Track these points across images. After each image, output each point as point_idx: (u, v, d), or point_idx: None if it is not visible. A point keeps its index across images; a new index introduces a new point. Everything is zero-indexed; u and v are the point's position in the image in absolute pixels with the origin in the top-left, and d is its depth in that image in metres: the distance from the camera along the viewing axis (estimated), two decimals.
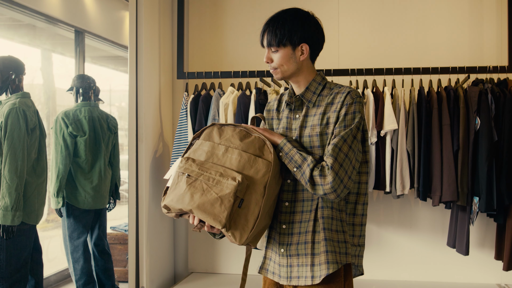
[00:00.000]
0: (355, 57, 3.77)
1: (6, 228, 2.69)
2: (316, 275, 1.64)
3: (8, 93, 2.92)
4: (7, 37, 4.40)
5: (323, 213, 1.66)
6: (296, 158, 1.63)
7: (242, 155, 1.61)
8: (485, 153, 3.11)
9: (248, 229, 1.57)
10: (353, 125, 1.64)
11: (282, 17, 1.73)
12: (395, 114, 3.32)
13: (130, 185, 3.43)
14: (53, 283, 4.25)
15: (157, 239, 3.64)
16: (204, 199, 1.56)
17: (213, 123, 1.74)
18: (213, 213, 1.55)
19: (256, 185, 1.58)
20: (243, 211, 1.57)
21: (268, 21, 1.76)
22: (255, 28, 3.92)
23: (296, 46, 1.72)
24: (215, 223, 1.55)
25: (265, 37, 1.75)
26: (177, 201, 1.61)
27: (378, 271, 3.72)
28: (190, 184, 1.60)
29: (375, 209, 3.73)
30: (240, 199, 1.56)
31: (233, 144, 1.64)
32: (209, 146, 1.67)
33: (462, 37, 3.69)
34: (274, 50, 1.73)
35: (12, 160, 2.69)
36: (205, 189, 1.58)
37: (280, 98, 1.88)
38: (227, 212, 1.54)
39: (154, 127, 3.65)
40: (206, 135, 1.71)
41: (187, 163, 1.65)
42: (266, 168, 1.60)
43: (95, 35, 4.76)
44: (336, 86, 1.75)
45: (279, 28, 1.71)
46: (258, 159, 1.61)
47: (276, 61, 1.73)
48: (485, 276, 3.61)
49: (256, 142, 1.65)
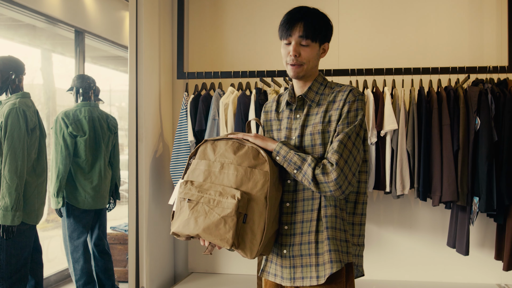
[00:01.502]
0: (355, 57, 3.77)
1: (6, 228, 2.69)
2: (321, 275, 1.64)
3: (8, 93, 2.92)
4: (7, 37, 4.40)
5: (326, 212, 1.66)
6: (295, 160, 1.63)
7: (238, 169, 1.62)
8: (485, 153, 3.11)
9: (257, 242, 1.58)
10: (356, 122, 1.64)
11: (316, 13, 1.70)
12: (395, 114, 3.32)
13: (130, 185, 3.43)
14: (53, 283, 4.25)
15: (157, 239, 3.64)
16: (208, 222, 1.58)
17: (205, 140, 1.74)
18: (219, 235, 1.56)
19: (257, 198, 1.58)
20: (249, 225, 1.58)
21: (301, 12, 1.69)
22: (255, 28, 3.94)
23: (322, 44, 1.72)
24: (223, 243, 1.57)
25: (297, 29, 1.67)
26: (184, 227, 1.63)
27: (378, 271, 3.72)
28: (192, 209, 1.62)
29: (375, 209, 3.73)
30: (244, 214, 1.57)
31: (227, 159, 1.64)
32: (205, 165, 1.68)
33: (462, 37, 3.69)
34: (305, 44, 1.67)
35: (12, 160, 2.69)
36: (207, 211, 1.59)
37: (278, 99, 1.88)
38: (232, 231, 1.55)
39: (154, 127, 3.65)
40: (201, 153, 1.72)
41: (186, 187, 1.67)
42: (264, 178, 1.60)
43: (95, 35, 4.76)
44: (337, 85, 1.75)
45: (316, 23, 1.67)
46: (254, 171, 1.61)
47: (306, 56, 1.68)
48: (485, 276, 3.61)
49: (250, 153, 1.64)
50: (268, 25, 3.84)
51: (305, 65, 1.69)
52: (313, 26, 1.67)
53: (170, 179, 3.85)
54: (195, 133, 3.51)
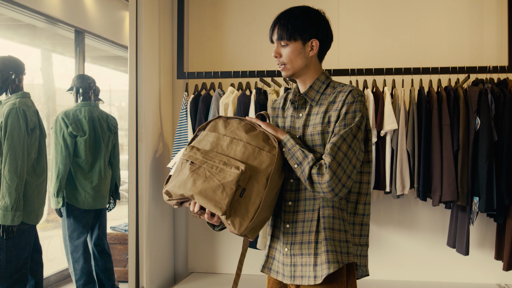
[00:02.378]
0: (355, 57, 3.77)
1: (6, 228, 2.69)
2: (318, 275, 1.64)
3: (8, 93, 2.92)
4: (7, 37, 4.40)
5: (323, 213, 1.66)
6: (298, 155, 1.63)
7: (246, 147, 1.62)
8: (485, 153, 3.11)
9: (248, 218, 1.56)
10: (353, 124, 1.63)
11: (294, 12, 1.73)
12: (395, 114, 3.32)
13: (130, 185, 3.43)
14: (53, 283, 4.25)
15: (157, 239, 3.64)
16: (206, 185, 1.56)
17: (219, 116, 1.74)
18: (214, 200, 1.54)
19: (258, 176, 1.59)
20: (244, 201, 1.57)
21: (279, 15, 1.75)
22: (255, 28, 3.94)
23: (307, 41, 1.72)
24: (216, 209, 1.54)
25: (275, 31, 1.73)
26: (179, 186, 1.61)
27: (378, 271, 3.72)
28: (193, 171, 1.60)
29: (375, 209, 3.73)
30: (242, 189, 1.57)
31: (238, 136, 1.65)
32: (214, 137, 1.68)
33: (462, 37, 3.69)
34: (284, 44, 1.71)
35: (12, 160, 2.69)
36: (208, 176, 1.58)
37: (286, 97, 1.88)
38: (228, 199, 1.54)
39: (154, 127, 3.65)
40: (211, 127, 1.72)
41: (191, 151, 1.65)
42: (270, 161, 1.60)
43: (95, 35, 4.76)
44: (340, 85, 1.74)
45: (291, 22, 1.70)
46: (262, 152, 1.62)
47: (285, 56, 1.71)
48: (485, 276, 3.61)
49: (261, 136, 1.65)
50: (268, 25, 3.81)
51: (287, 65, 1.72)
52: (287, 26, 1.69)
53: None
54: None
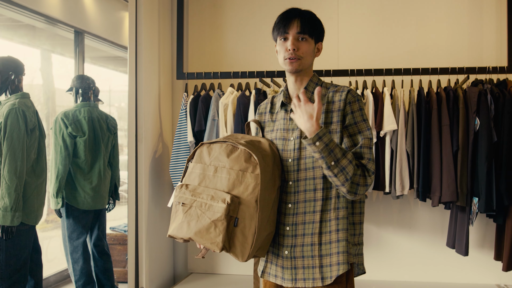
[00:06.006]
0: (355, 58, 3.77)
1: (5, 228, 2.68)
2: (326, 276, 1.64)
3: (8, 93, 2.92)
4: (6, 38, 4.40)
5: (338, 214, 1.67)
6: (336, 151, 1.57)
7: (230, 173, 1.63)
8: (485, 153, 3.11)
9: (248, 245, 1.59)
10: (365, 122, 1.68)
11: (310, 12, 1.76)
12: (395, 114, 3.32)
13: (129, 185, 3.43)
14: (53, 283, 4.24)
15: (156, 240, 3.64)
16: (199, 225, 1.61)
17: (202, 143, 1.76)
18: (210, 238, 1.59)
19: (247, 201, 1.60)
20: (240, 229, 1.59)
21: (296, 11, 1.74)
22: (254, 28, 3.94)
23: (317, 42, 1.76)
24: (213, 247, 1.59)
25: (294, 25, 1.70)
26: (178, 230, 1.67)
27: (378, 271, 3.72)
28: (186, 212, 1.66)
29: (375, 209, 3.73)
30: (235, 218, 1.59)
31: (221, 163, 1.66)
32: (200, 168, 1.71)
33: (462, 37, 3.69)
34: (303, 39, 1.71)
35: (12, 161, 2.69)
36: (199, 215, 1.62)
37: (272, 101, 1.88)
38: (223, 235, 1.57)
39: (154, 128, 3.65)
40: (197, 157, 1.75)
41: (181, 191, 1.71)
42: (255, 181, 1.60)
43: (95, 35, 4.75)
44: (332, 85, 1.77)
45: (312, 21, 1.73)
46: (246, 174, 1.62)
47: (304, 50, 1.71)
48: (485, 276, 3.61)
49: (242, 156, 1.64)
50: (268, 26, 3.82)
51: (303, 59, 1.71)
52: (310, 23, 1.71)
53: (170, 180, 3.85)
54: (195, 134, 3.51)
